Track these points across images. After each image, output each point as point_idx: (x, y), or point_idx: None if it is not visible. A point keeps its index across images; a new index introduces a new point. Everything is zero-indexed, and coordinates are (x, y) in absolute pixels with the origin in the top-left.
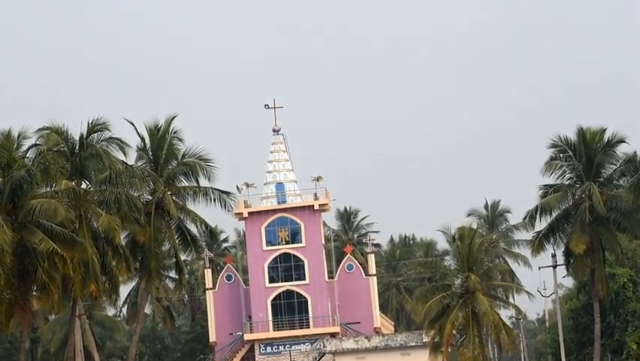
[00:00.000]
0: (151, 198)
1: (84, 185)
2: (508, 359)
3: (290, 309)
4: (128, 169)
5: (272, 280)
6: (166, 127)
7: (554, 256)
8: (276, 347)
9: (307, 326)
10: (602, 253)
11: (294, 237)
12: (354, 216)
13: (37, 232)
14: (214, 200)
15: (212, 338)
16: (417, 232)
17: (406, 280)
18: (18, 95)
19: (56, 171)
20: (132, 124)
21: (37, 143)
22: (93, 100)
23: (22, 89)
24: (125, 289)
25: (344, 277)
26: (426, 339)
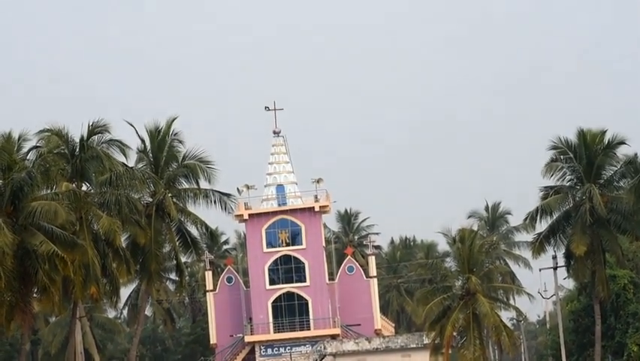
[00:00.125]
0: (151, 200)
1: (85, 187)
2: (508, 360)
3: (290, 311)
4: (129, 171)
5: (272, 282)
6: (166, 129)
7: (555, 257)
8: (276, 348)
9: (308, 327)
10: (603, 254)
11: (295, 239)
12: (355, 218)
13: (37, 234)
14: (214, 202)
15: (213, 339)
16: (417, 233)
17: (407, 282)
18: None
19: (57, 173)
20: (132, 126)
21: (38, 145)
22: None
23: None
24: (125, 291)
25: (344, 278)
26: (426, 341)
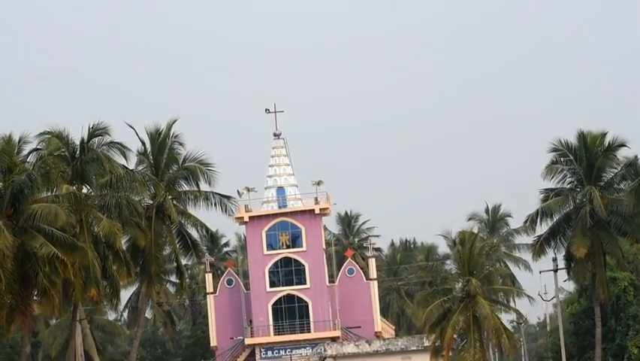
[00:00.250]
0: (152, 202)
1: (85, 189)
2: None
3: (291, 313)
4: (129, 173)
5: (273, 285)
6: (167, 131)
7: (555, 260)
8: (276, 351)
9: (308, 330)
10: (603, 256)
11: (295, 241)
12: (355, 221)
13: (38, 236)
14: (215, 204)
15: (213, 342)
16: (418, 236)
17: (407, 284)
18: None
19: (57, 175)
20: (133, 128)
21: (38, 147)
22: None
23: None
24: (125, 294)
25: (345, 281)
26: (427, 343)
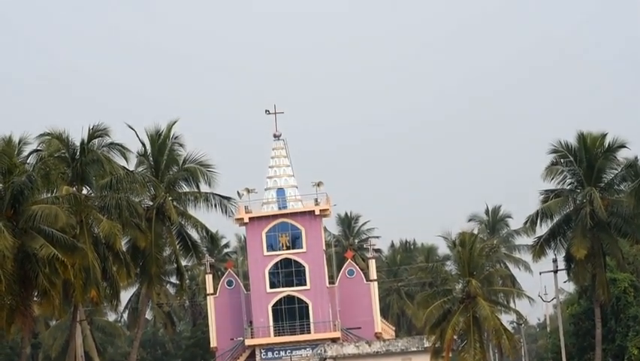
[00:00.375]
0: (152, 203)
1: (85, 191)
2: None
3: (291, 314)
4: (129, 175)
5: (273, 286)
6: (167, 132)
7: (555, 261)
8: (277, 352)
9: (308, 331)
10: (603, 258)
11: (295, 242)
12: (355, 222)
13: (38, 237)
14: (215, 205)
15: (213, 343)
16: (418, 236)
17: (407, 286)
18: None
19: (57, 176)
20: (133, 129)
21: (38, 148)
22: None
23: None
24: (125, 295)
25: (345, 282)
26: (427, 344)
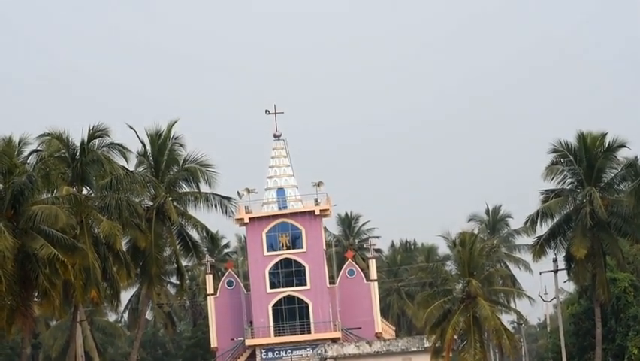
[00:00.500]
0: (152, 203)
1: (85, 191)
2: None
3: (291, 314)
4: (129, 175)
5: (273, 286)
6: (167, 132)
7: (555, 260)
8: (277, 352)
9: (308, 331)
10: (603, 257)
11: (295, 242)
12: (355, 222)
13: (38, 238)
14: (215, 205)
15: (214, 343)
16: (418, 236)
17: (407, 286)
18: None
19: (57, 177)
20: (133, 129)
21: (38, 149)
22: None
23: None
24: (126, 295)
25: (345, 282)
26: (427, 344)
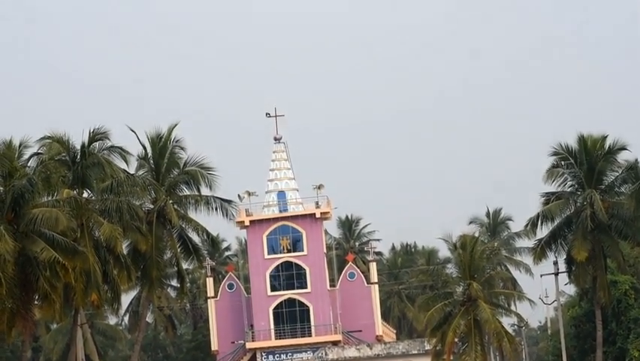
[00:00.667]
0: (152, 206)
1: (86, 194)
2: None
3: (292, 317)
4: (130, 178)
5: (274, 289)
6: (168, 135)
7: (556, 263)
8: (278, 355)
9: (309, 334)
10: (604, 260)
11: (296, 245)
12: (356, 225)
13: (38, 241)
14: (215, 208)
15: (214, 346)
16: (418, 239)
17: (408, 288)
18: None
19: (58, 180)
20: (134, 132)
21: (39, 152)
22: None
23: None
24: (126, 298)
25: (346, 285)
26: (428, 347)
